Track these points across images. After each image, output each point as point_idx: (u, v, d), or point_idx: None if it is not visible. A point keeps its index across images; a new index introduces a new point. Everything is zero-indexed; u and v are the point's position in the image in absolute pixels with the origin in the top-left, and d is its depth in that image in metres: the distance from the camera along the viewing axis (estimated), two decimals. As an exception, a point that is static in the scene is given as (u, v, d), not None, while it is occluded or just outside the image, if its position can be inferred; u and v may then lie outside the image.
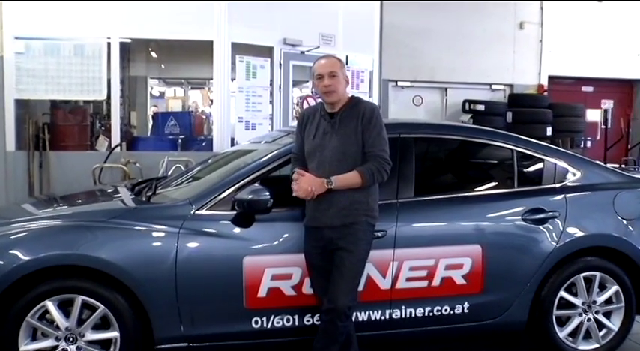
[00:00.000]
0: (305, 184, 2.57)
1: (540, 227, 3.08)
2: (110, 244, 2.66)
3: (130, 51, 8.01)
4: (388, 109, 10.07)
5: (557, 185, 3.23)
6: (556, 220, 3.10)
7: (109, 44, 5.80)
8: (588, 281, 3.19)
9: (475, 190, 3.27)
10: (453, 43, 10.05)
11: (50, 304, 2.63)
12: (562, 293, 3.15)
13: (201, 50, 6.53)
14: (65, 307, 2.66)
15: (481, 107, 9.85)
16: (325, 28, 6.95)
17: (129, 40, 6.25)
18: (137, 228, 2.72)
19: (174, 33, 6.01)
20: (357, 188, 2.61)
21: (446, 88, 10.61)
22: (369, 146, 2.62)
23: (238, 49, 6.19)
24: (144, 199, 3.11)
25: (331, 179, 2.58)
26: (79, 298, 2.64)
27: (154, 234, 2.73)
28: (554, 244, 3.08)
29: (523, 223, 3.07)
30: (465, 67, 10.18)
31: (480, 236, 3.02)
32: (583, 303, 3.19)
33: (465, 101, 10.08)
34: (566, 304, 3.18)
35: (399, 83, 10.34)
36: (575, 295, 3.19)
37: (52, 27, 5.67)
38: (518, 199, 3.15)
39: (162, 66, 10.06)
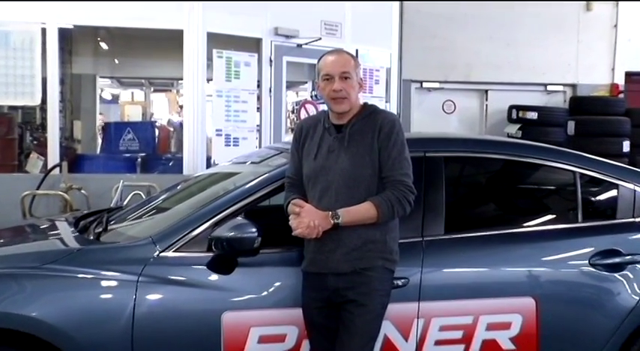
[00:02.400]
0: (307, 217, 2.59)
1: (616, 275, 3.08)
2: (44, 297, 2.66)
3: (72, 41, 8.11)
4: (410, 118, 10.15)
5: (639, 219, 3.25)
6: (638, 265, 3.10)
7: (43, 31, 5.85)
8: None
9: (526, 225, 3.28)
10: (495, 31, 10.14)
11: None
12: (652, 367, 3.12)
13: (168, 42, 6.63)
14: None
15: (533, 115, 9.91)
16: (329, 14, 7.05)
17: (71, 27, 6.32)
18: (81, 276, 2.72)
19: (132, 19, 6.10)
20: (372, 224, 2.62)
21: (486, 91, 10.70)
22: (387, 169, 2.65)
23: (216, 40, 6.27)
24: (91, 236, 3.13)
25: (338, 212, 2.59)
26: (-2, 373, 2.64)
27: (105, 283, 2.73)
28: (637, 298, 3.07)
29: (592, 269, 3.07)
30: (511, 63, 10.25)
31: (533, 286, 3.02)
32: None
33: (511, 107, 10.15)
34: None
35: (425, 85, 10.44)
36: (671, 370, 3.15)
37: (-37, 7, 5.70)
38: (585, 237, 3.16)
39: (116, 61, 10.18)
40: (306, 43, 6.81)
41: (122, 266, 2.75)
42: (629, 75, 10.56)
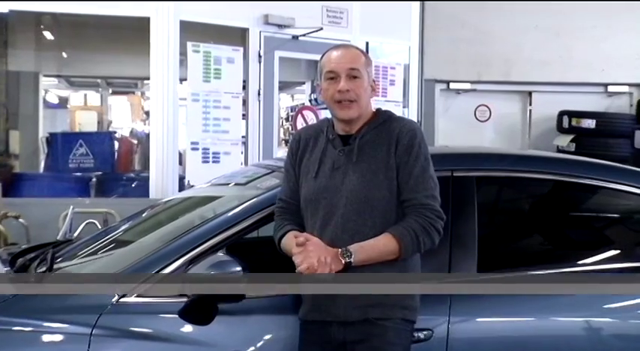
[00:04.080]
0: (315, 253, 2.56)
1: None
2: (-29, 356, 2.67)
3: (8, 30, 8.15)
4: (434, 127, 10.16)
5: None
6: None
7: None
8: None
9: (581, 263, 3.29)
10: (541, 18, 10.15)
11: None
12: None
13: (131, 32, 6.67)
14: None
15: (590, 124, 9.92)
16: (332, -2, 7.09)
17: (6, 12, 6.35)
18: (18, 328, 2.73)
19: (84, 4, 6.13)
20: (389, 260, 2.62)
21: (530, 93, 10.72)
22: (408, 191, 2.66)
23: (191, 31, 6.31)
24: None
25: (350, 249, 2.58)
26: None
27: (48, 338, 2.73)
28: None
29: (667, 320, 3.09)
30: (562, 58, 10.25)
31: (592, 342, 3.02)
32: None
33: (562, 114, 10.17)
34: None
35: (453, 85, 10.46)
36: None
37: None
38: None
39: (65, 56, 10.22)
40: (303, 35, 6.85)
41: (71, 316, 2.75)
42: None
